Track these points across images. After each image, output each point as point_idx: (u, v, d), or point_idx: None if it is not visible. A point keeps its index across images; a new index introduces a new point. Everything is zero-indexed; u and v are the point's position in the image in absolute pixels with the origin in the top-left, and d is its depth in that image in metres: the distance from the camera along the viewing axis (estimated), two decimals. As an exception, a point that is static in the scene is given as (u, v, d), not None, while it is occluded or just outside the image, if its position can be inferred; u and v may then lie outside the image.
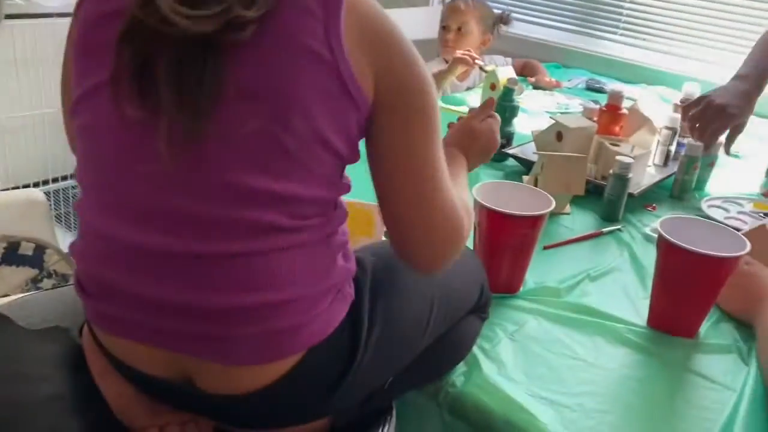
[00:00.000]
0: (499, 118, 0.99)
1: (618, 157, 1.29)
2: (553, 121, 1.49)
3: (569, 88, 2.25)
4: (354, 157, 0.65)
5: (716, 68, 2.25)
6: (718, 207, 1.39)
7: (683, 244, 0.89)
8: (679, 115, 1.57)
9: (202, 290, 0.59)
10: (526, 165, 1.48)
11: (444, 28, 2.20)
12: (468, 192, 0.83)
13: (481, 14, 2.21)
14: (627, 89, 2.23)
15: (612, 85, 2.26)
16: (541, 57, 2.52)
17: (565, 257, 1.16)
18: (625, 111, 1.52)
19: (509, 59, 2.38)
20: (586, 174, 1.37)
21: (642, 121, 1.54)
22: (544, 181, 1.29)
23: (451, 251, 0.69)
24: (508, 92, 1.54)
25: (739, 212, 1.38)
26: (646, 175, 1.50)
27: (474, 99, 1.95)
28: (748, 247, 0.91)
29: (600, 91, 2.22)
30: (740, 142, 1.80)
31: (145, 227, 0.59)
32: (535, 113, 1.93)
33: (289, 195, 0.59)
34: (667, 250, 0.92)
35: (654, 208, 1.38)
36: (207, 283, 0.59)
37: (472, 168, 0.93)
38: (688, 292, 0.93)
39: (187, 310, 0.59)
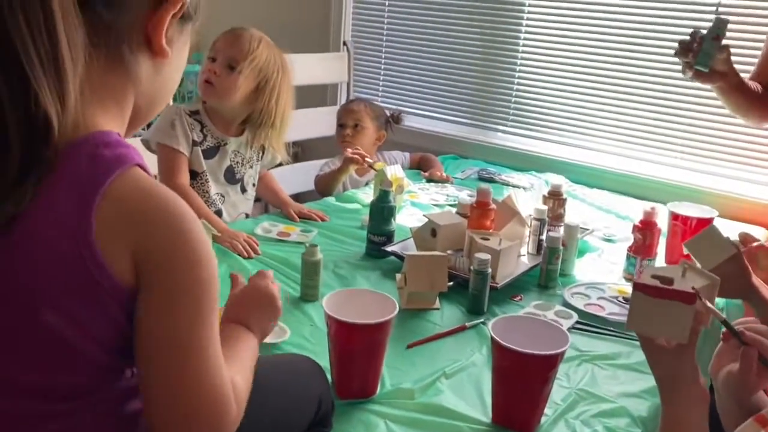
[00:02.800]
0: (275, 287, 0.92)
1: (476, 255, 1.38)
2: (427, 219, 1.59)
3: (462, 180, 2.37)
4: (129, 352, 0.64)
5: (596, 153, 2.44)
6: (581, 294, 1.48)
7: (507, 344, 0.95)
8: (546, 207, 1.69)
9: None
10: (404, 262, 1.56)
11: (341, 126, 2.33)
12: (250, 370, 0.77)
13: (374, 114, 2.36)
14: (517, 177, 2.39)
15: (503, 175, 2.40)
16: (439, 149, 2.67)
17: (426, 355, 1.21)
18: (493, 206, 1.62)
19: (406, 154, 2.51)
20: (460, 268, 1.45)
21: (511, 214, 1.65)
22: (410, 279, 1.36)
23: None
24: (383, 194, 1.63)
25: (599, 298, 1.47)
26: (521, 264, 1.60)
27: (368, 196, 2.03)
28: (569, 343, 0.98)
29: (491, 180, 2.35)
30: (614, 226, 1.95)
31: None
32: (425, 207, 2.03)
33: (44, 383, 0.61)
34: (497, 349, 0.98)
35: (520, 299, 1.46)
36: None
37: (264, 328, 0.88)
38: (518, 388, 0.99)
39: None
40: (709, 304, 0.86)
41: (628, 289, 1.52)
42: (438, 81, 2.82)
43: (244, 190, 1.86)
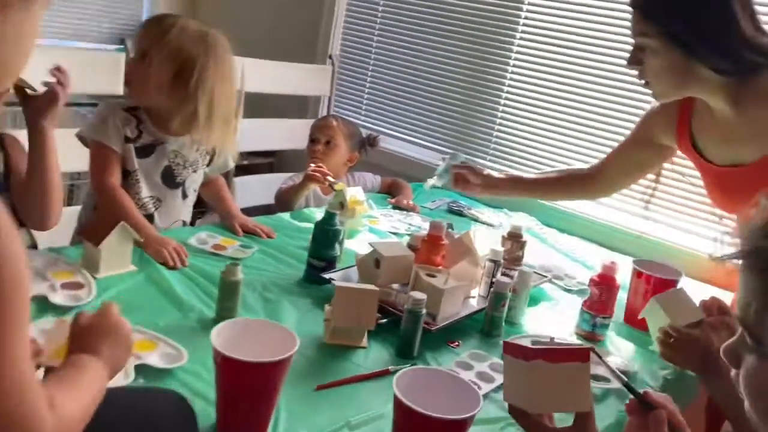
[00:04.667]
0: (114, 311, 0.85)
1: (412, 293, 1.26)
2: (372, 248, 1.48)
3: (431, 210, 2.27)
4: None
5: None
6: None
7: (408, 403, 0.84)
8: (502, 249, 1.59)
9: None
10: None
11: (313, 140, 2.23)
12: (87, 398, 0.70)
13: (349, 132, 2.26)
14: (487, 213, 2.29)
15: (474, 210, 2.30)
16: (415, 175, 2.57)
17: (335, 399, 1.09)
18: (445, 242, 1.52)
19: (378, 177, 2.41)
20: (400, 304, 1.34)
21: (465, 252, 1.54)
22: (335, 312, 1.25)
23: None
24: (328, 216, 1.52)
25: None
26: (467, 307, 1.49)
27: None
28: (480, 406, 0.87)
29: (459, 214, 2.25)
30: (579, 277, 1.84)
31: None
32: (383, 234, 1.92)
33: None
34: (398, 406, 0.87)
35: (457, 345, 1.34)
36: None
37: (116, 359, 0.80)
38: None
39: None
40: (606, 360, 0.77)
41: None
42: (421, 105, 2.73)
43: (185, 195, 1.74)
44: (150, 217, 1.66)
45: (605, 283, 1.48)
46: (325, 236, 1.52)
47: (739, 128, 1.43)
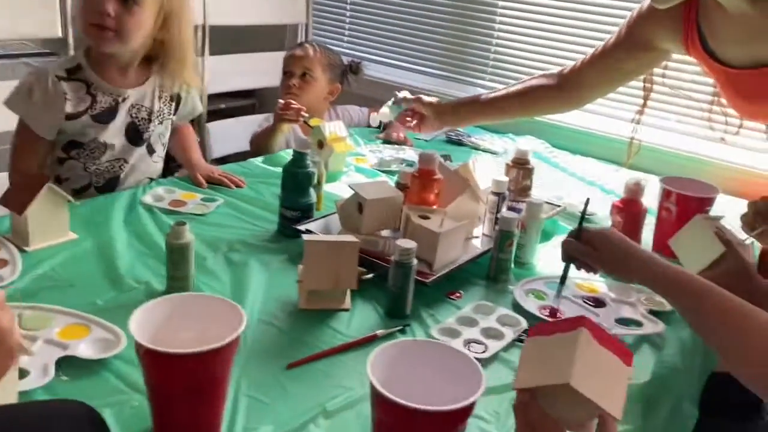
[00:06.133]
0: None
1: (398, 242, 1.05)
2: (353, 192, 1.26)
3: (427, 142, 2.03)
4: None
5: (580, 114, 2.08)
6: (537, 292, 1.16)
7: (387, 394, 0.64)
8: (507, 178, 1.36)
9: None
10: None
11: (286, 74, 1.97)
12: None
13: (327, 61, 1.99)
14: (489, 140, 2.05)
15: (475, 137, 2.06)
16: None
17: (310, 379, 0.89)
18: (439, 176, 1.29)
19: (365, 109, 2.16)
20: (391, 254, 1.13)
21: (462, 186, 1.32)
22: (306, 273, 1.04)
23: None
24: (298, 157, 1.29)
25: (559, 297, 1.14)
26: (470, 249, 1.27)
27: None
28: (482, 388, 0.67)
29: (459, 143, 2.01)
30: (596, 203, 1.61)
31: None
32: (372, 173, 1.70)
33: None
34: (376, 398, 0.67)
35: (459, 296, 1.14)
36: None
37: None
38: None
39: None
40: None
41: (600, 287, 1.20)
42: (410, 26, 2.45)
43: (151, 151, 1.51)
44: (115, 180, 1.45)
45: (629, 208, 1.26)
46: (296, 181, 1.29)
47: (760, 25, 1.16)
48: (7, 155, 1.41)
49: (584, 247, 1.00)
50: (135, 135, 1.46)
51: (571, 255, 1.03)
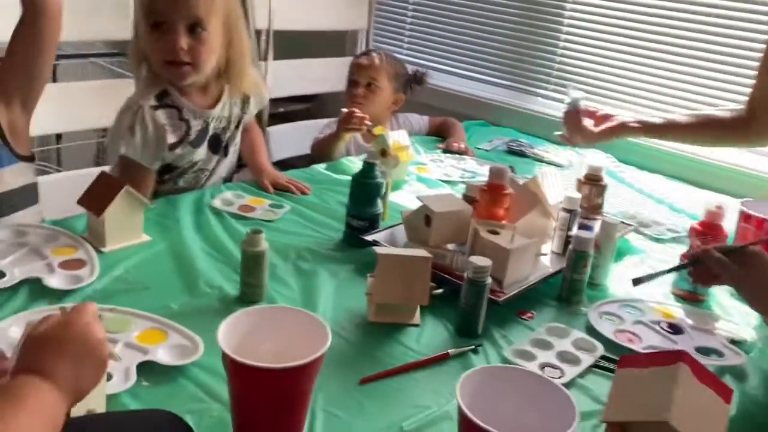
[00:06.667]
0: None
1: (472, 259, 1.03)
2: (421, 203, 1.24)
3: (487, 152, 2.00)
4: None
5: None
6: (612, 315, 1.13)
7: (481, 424, 0.62)
8: (578, 195, 1.32)
9: None
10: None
11: (352, 82, 1.97)
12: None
13: (393, 71, 1.98)
14: (554, 152, 2.01)
15: (537, 148, 2.02)
16: (467, 113, 2.30)
17: (384, 395, 0.88)
18: (510, 190, 1.26)
19: (426, 117, 2.14)
20: (459, 269, 1.12)
21: (533, 202, 1.29)
22: (378, 286, 1.03)
23: None
24: (368, 168, 1.28)
25: (636, 322, 1.11)
26: (539, 267, 1.24)
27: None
28: (576, 421, 0.64)
29: (521, 154, 1.98)
30: (667, 222, 1.56)
31: None
32: (434, 183, 1.68)
33: None
34: (468, 426, 0.65)
35: (531, 317, 1.11)
36: None
37: (80, 381, 0.60)
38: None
39: None
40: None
41: (677, 312, 1.16)
42: (472, 35, 2.42)
43: (226, 154, 1.52)
44: (198, 185, 1.49)
45: (710, 232, 1.21)
46: (364, 191, 1.29)
47: None
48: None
49: (727, 261, 0.97)
50: (216, 145, 1.48)
51: (709, 264, 0.99)
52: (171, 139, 1.36)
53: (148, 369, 0.85)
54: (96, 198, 1.14)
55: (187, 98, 1.39)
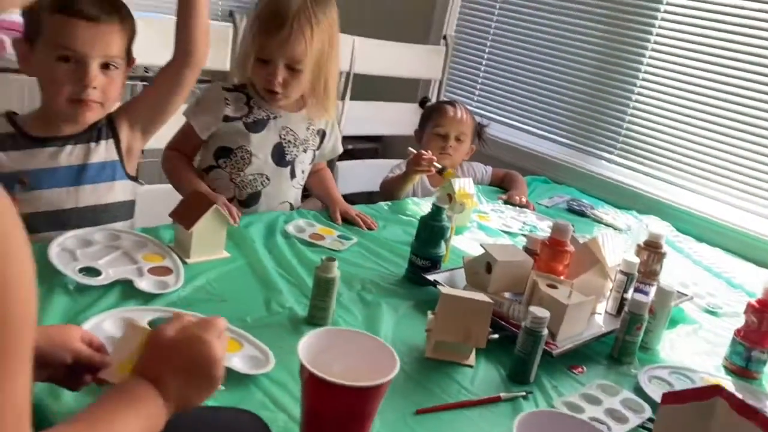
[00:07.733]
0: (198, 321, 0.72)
1: (532, 309, 1.08)
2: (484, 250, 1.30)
3: (547, 208, 2.05)
4: None
5: (712, 203, 2.04)
6: (662, 380, 1.15)
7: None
8: (639, 260, 1.36)
9: None
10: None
11: (443, 136, 2.04)
12: None
13: (473, 124, 2.09)
14: (613, 214, 2.04)
15: (597, 210, 2.06)
16: (530, 168, 2.36)
17: (437, 427, 0.93)
18: (570, 248, 1.31)
19: (489, 168, 2.21)
20: (514, 317, 1.16)
21: (592, 261, 1.33)
22: (439, 324, 1.08)
23: None
24: (436, 211, 1.36)
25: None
26: (592, 325, 1.28)
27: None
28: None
29: (581, 214, 2.02)
30: (722, 296, 1.57)
31: None
32: (494, 232, 1.74)
33: None
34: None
35: (581, 371, 1.15)
36: None
37: (187, 398, 0.66)
38: None
39: None
40: None
41: (727, 385, 1.17)
42: (542, 93, 2.50)
43: (293, 175, 1.63)
44: (257, 195, 1.58)
45: (766, 310, 1.22)
46: (431, 233, 1.36)
47: None
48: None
49: None
50: (280, 156, 1.58)
51: None
52: (228, 111, 1.52)
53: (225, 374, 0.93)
54: (187, 212, 1.24)
55: (261, 97, 1.55)
